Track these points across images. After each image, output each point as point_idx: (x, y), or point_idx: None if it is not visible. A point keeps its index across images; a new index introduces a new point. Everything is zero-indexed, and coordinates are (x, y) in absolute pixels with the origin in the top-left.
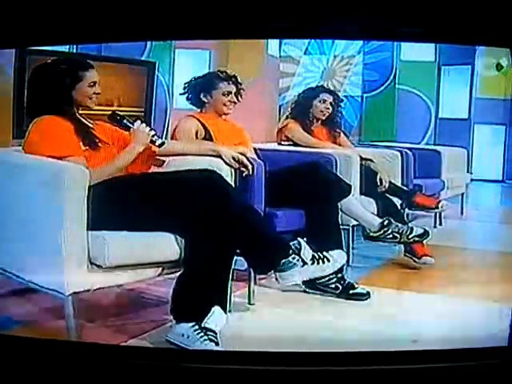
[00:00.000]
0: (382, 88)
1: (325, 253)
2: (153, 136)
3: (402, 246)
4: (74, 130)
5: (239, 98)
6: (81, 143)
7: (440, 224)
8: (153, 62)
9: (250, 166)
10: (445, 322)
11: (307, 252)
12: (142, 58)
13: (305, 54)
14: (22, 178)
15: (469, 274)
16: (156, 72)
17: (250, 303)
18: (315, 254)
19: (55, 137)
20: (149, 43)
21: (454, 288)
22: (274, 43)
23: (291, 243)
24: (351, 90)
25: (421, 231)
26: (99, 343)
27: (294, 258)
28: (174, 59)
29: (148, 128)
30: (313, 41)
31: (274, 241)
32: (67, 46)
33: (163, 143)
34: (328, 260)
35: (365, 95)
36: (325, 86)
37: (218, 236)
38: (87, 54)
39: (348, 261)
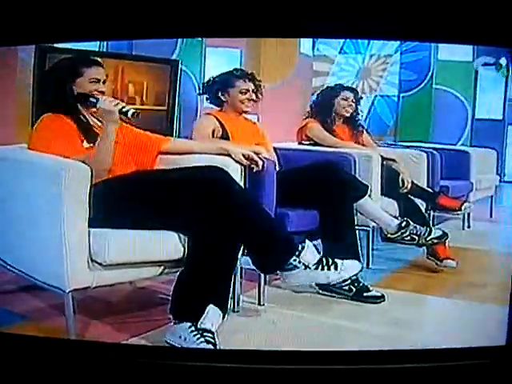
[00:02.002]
0: (419, 88)
1: (336, 259)
2: (123, 108)
3: (425, 247)
4: (77, 128)
5: (258, 95)
6: (84, 141)
7: (468, 226)
8: (176, 59)
9: (260, 163)
10: (453, 324)
11: (309, 255)
12: (173, 57)
13: (340, 53)
14: (25, 175)
15: (491, 277)
16: (179, 70)
17: (259, 304)
18: (323, 259)
19: (54, 136)
20: (179, 41)
21: (472, 291)
22: (307, 42)
23: (297, 244)
24: (387, 89)
25: (439, 233)
26: (97, 341)
27: (295, 260)
28: (204, 58)
29: (114, 100)
30: (348, 40)
31: (279, 239)
32: (94, 45)
33: (136, 113)
34: (335, 267)
35: (401, 95)
36: (343, 84)
37: (220, 233)
38: (103, 52)
39: (368, 263)
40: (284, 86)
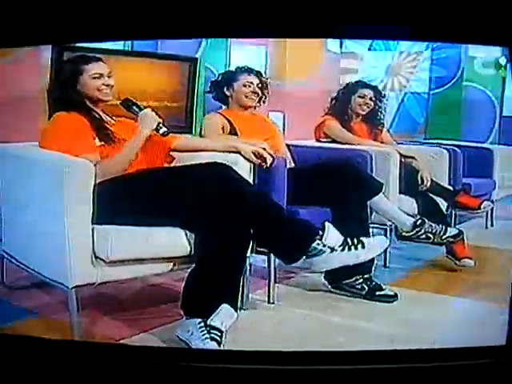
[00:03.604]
0: (449, 85)
1: (362, 237)
2: (158, 124)
3: (445, 246)
4: (90, 125)
5: (264, 91)
6: (96, 139)
7: (491, 225)
8: (194, 57)
9: (269, 159)
10: (466, 324)
11: (333, 237)
12: (198, 54)
13: (369, 49)
14: (32, 172)
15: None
16: (198, 68)
17: (269, 302)
18: (348, 239)
19: (66, 135)
20: (204, 39)
21: (488, 291)
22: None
23: (316, 228)
24: (418, 86)
25: (455, 232)
26: (99, 342)
27: (318, 244)
28: (229, 56)
29: (155, 115)
30: None
31: (296, 225)
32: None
33: (167, 133)
34: (363, 246)
35: (431, 92)
36: (365, 81)
37: (226, 231)
38: (115, 50)
39: (385, 262)
40: (310, 83)
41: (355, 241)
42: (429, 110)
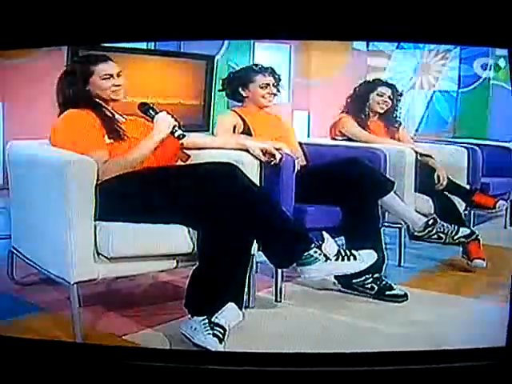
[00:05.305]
0: (478, 83)
1: (353, 250)
2: (174, 127)
3: (461, 246)
4: (100, 123)
5: (279, 89)
6: (106, 136)
7: (510, 225)
8: (211, 55)
9: (278, 157)
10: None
11: (330, 246)
12: (221, 52)
13: (397, 48)
14: (37, 170)
15: None
16: (215, 66)
17: (276, 300)
18: (341, 250)
19: (76, 132)
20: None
21: (499, 292)
22: None
23: (312, 237)
24: (447, 85)
25: (467, 232)
26: (99, 344)
27: (315, 252)
28: (253, 54)
29: (171, 118)
30: None
31: (291, 233)
32: None
33: (182, 135)
34: (354, 258)
35: (460, 91)
36: (382, 79)
37: (230, 229)
38: (130, 48)
39: (399, 261)
40: (335, 81)
41: (348, 252)
42: (457, 109)
